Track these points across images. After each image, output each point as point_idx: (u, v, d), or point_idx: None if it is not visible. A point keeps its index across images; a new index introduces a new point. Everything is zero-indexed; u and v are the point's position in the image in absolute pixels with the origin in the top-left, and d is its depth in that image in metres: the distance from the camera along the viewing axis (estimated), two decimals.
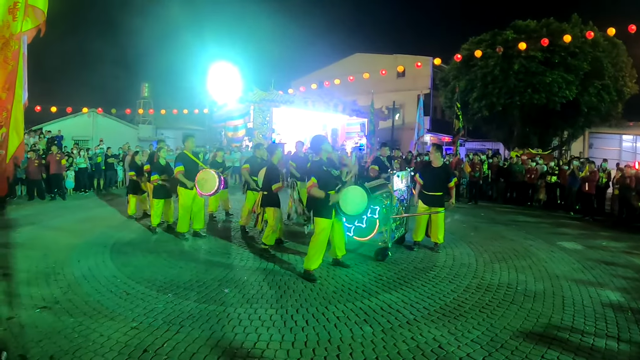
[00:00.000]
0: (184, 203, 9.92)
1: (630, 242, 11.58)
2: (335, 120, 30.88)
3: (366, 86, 31.60)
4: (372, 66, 29.96)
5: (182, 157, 9.99)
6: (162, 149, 11.09)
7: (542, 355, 5.00)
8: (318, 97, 28.35)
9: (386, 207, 8.73)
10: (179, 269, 7.67)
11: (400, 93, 38.51)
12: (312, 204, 7.66)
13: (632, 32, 16.64)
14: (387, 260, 8.67)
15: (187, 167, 9.82)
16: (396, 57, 37.15)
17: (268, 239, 8.75)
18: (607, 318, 6.22)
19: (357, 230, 9.00)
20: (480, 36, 27.81)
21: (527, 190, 18.93)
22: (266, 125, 25.06)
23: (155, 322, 5.45)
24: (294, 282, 7.18)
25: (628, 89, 26.84)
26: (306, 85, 27.66)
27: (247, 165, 10.67)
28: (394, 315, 5.98)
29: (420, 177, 9.53)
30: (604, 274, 8.47)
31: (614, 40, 25.35)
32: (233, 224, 11.85)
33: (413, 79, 38.00)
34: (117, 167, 20.38)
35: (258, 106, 25.03)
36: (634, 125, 32.68)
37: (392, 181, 8.90)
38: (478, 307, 6.40)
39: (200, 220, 10.28)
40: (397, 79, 38.24)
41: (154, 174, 10.80)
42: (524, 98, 24.90)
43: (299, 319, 5.71)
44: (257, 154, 11.07)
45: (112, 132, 32.45)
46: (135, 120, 39.35)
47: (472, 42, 27.66)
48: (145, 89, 42.45)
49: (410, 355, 4.86)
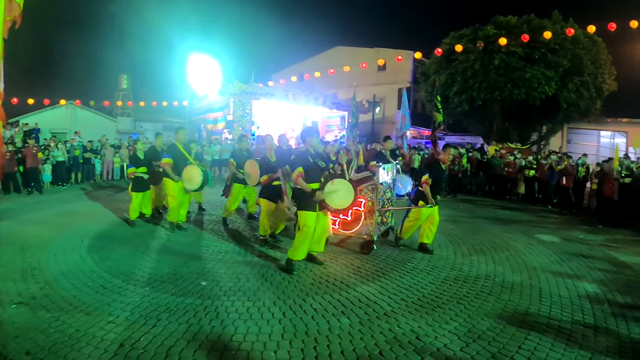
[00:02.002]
0: (172, 193, 9.86)
1: (607, 235, 11.73)
2: (316, 113, 30.79)
3: (347, 79, 31.59)
4: (353, 59, 29.87)
5: (172, 149, 10.00)
6: (139, 141, 10.95)
7: (520, 345, 5.05)
8: (298, 89, 28.19)
9: (371, 200, 8.66)
10: (157, 262, 7.59)
11: (381, 87, 38.49)
12: (297, 196, 7.58)
13: (612, 30, 16.79)
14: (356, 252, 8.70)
15: (176, 160, 9.79)
16: (377, 51, 37.13)
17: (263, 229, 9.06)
18: (583, 309, 6.30)
19: (342, 224, 8.94)
20: (461, 31, 27.83)
21: (506, 184, 19.09)
22: (246, 117, 24.88)
23: (132, 316, 5.39)
24: (272, 275, 7.14)
25: (607, 86, 27.06)
26: (286, 78, 27.55)
27: (232, 160, 10.71)
28: (371, 307, 5.99)
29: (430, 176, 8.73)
30: (581, 266, 8.57)
31: (594, 38, 25.54)
32: (209, 217, 11.76)
33: (394, 72, 37.99)
34: (94, 161, 20.10)
35: (238, 99, 24.83)
36: (612, 122, 32.99)
37: (378, 174, 8.79)
38: (456, 299, 6.43)
39: (182, 214, 10.21)
40: (377, 73, 38.22)
41: (130, 167, 10.72)
42: (503, 93, 24.99)
43: (276, 312, 5.69)
44: (241, 146, 10.99)
45: (91, 124, 32.16)
46: (114, 112, 39.02)
47: (453, 37, 27.67)
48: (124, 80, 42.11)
49: (388, 347, 4.86)
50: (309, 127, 8.23)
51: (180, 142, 10.12)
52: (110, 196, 15.19)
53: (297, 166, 7.42)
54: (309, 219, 7.35)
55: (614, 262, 9.07)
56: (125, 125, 37.43)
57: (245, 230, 10.42)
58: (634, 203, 14.45)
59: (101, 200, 13.91)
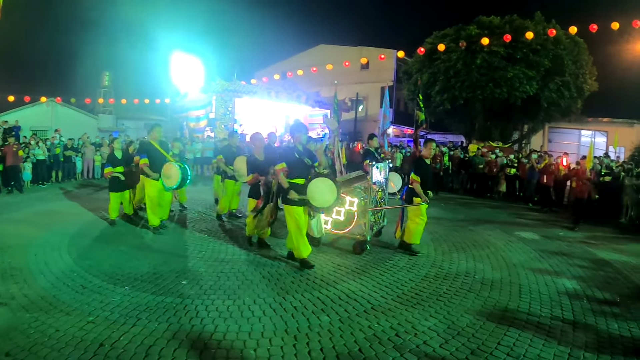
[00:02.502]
0: (150, 194, 9.65)
1: (586, 232, 11.84)
2: (298, 111, 30.78)
3: (330, 77, 31.55)
4: (336, 58, 29.89)
5: (146, 148, 9.74)
6: (117, 140, 10.86)
7: (499, 341, 5.08)
8: (281, 87, 28.15)
9: (364, 200, 8.55)
10: (137, 262, 7.51)
11: (363, 85, 38.55)
12: (281, 190, 7.55)
13: (593, 31, 16.96)
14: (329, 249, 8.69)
15: (152, 158, 9.52)
16: (360, 49, 37.24)
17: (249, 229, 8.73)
18: (562, 305, 6.35)
19: (334, 223, 8.85)
20: (444, 30, 28.01)
21: (487, 182, 19.22)
22: (228, 115, 24.79)
23: (112, 315, 5.34)
24: (252, 273, 7.10)
25: (588, 86, 27.37)
26: (269, 76, 27.49)
27: (221, 156, 10.64)
28: (351, 304, 5.99)
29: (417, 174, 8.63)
30: (560, 263, 8.64)
31: (575, 39, 25.79)
32: (191, 216, 11.65)
33: (377, 71, 38.06)
34: (75, 159, 19.85)
35: (220, 96, 24.74)
36: (592, 121, 33.36)
37: (371, 173, 8.61)
38: (436, 296, 6.45)
39: (165, 212, 10.10)
40: (360, 71, 38.24)
41: (107, 166, 10.54)
42: (485, 92, 25.16)
43: (256, 310, 5.66)
44: (231, 142, 10.90)
45: (72, 122, 31.69)
46: (96, 110, 38.52)
47: (436, 36, 27.82)
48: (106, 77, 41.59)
49: (367, 344, 4.87)
50: (298, 123, 8.03)
51: (155, 140, 9.82)
52: (91, 195, 15.04)
53: (281, 161, 7.37)
54: (296, 212, 7.32)
55: (593, 259, 9.16)
56: (106, 123, 37.01)
57: (227, 228, 10.35)
58: (613, 201, 14.67)
59: (82, 199, 13.76)
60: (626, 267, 8.65)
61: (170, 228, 10.11)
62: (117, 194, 10.43)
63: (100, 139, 22.39)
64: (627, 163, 17.77)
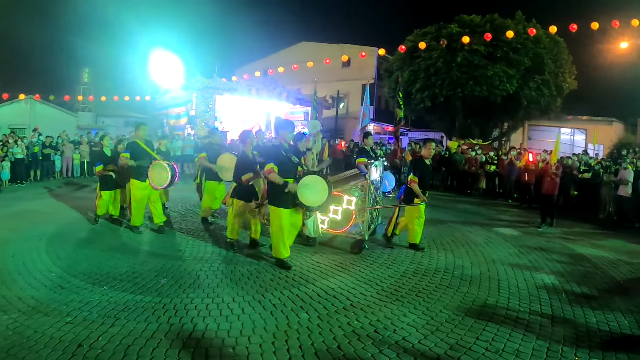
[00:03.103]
0: (136, 195, 9.39)
1: (565, 228, 11.97)
2: (279, 108, 30.74)
3: (311, 75, 31.42)
4: (317, 55, 29.85)
5: (133, 147, 9.39)
6: (106, 136, 10.57)
7: (477, 336, 5.10)
8: (262, 85, 28.09)
9: (362, 198, 8.39)
10: (116, 261, 7.40)
11: (345, 82, 38.53)
12: (269, 190, 7.38)
13: (573, 30, 17.11)
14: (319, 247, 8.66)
15: (138, 157, 9.23)
16: (342, 47, 37.26)
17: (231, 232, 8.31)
18: (541, 300, 6.41)
19: (331, 223, 8.63)
20: (425, 29, 28.14)
21: (467, 178, 19.33)
22: (209, 113, 24.64)
23: (90, 315, 5.26)
24: (231, 271, 7.05)
25: (567, 84, 27.71)
26: (250, 73, 27.35)
27: (204, 154, 10.33)
28: (330, 301, 5.97)
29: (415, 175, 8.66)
30: (539, 258, 8.73)
31: (555, 38, 26.07)
32: (171, 214, 11.48)
33: (358, 68, 38.11)
34: (54, 158, 19.58)
35: (201, 93, 24.58)
36: (572, 119, 33.78)
37: (370, 171, 8.54)
38: (415, 292, 6.47)
39: (159, 214, 9.71)
40: (342, 69, 38.29)
41: (98, 165, 10.28)
42: (465, 90, 25.32)
43: (235, 308, 5.63)
44: (213, 140, 10.73)
45: (51, 119, 31.33)
46: (75, 107, 38.15)
47: (417, 34, 27.92)
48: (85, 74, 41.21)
49: (346, 341, 4.85)
50: (283, 120, 7.89)
51: (140, 139, 9.52)
52: (70, 194, 14.84)
53: (269, 161, 7.16)
54: (282, 216, 7.17)
55: (571, 254, 9.26)
56: (86, 120, 36.64)
57: (206, 227, 10.26)
58: (592, 197, 14.87)
59: (60, 199, 13.58)
60: (604, 262, 8.77)
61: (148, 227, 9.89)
62: (109, 193, 10.19)
63: (79, 137, 22.10)
64: (605, 160, 17.98)
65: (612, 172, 14.82)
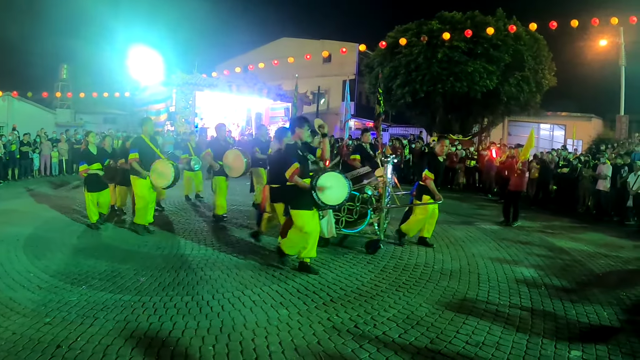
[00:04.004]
0: (140, 193, 8.93)
1: (544, 222, 12.07)
2: (260, 104, 30.68)
3: (292, 71, 31.50)
4: (298, 51, 29.82)
5: (138, 143, 9.01)
6: (91, 133, 10.04)
7: (458, 330, 5.09)
8: (242, 81, 28.03)
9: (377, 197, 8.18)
10: (95, 260, 7.27)
11: (326, 78, 38.52)
12: (290, 193, 6.86)
13: (553, 28, 17.27)
14: None
15: (143, 155, 8.85)
16: (323, 43, 37.17)
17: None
18: (521, 293, 6.43)
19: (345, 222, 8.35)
20: (406, 25, 28.23)
21: (447, 173, 19.38)
22: (189, 109, 24.56)
23: (69, 315, 5.16)
24: (211, 268, 6.99)
25: (547, 81, 28.03)
26: (230, 69, 27.27)
27: (209, 150, 10.06)
28: (310, 297, 5.94)
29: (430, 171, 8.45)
30: (519, 252, 8.79)
31: (535, 35, 26.36)
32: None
33: (339, 64, 38.15)
34: (32, 156, 19.27)
35: (181, 90, 24.49)
36: (551, 115, 34.18)
37: (387, 169, 8.26)
38: (395, 286, 6.45)
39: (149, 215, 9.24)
40: (323, 65, 38.22)
41: (82, 164, 9.59)
42: (446, 86, 25.44)
43: (215, 305, 5.57)
44: (219, 136, 10.54)
45: (29, 117, 30.92)
46: (53, 104, 37.68)
47: (398, 31, 28.02)
48: (64, 70, 40.63)
49: (326, 336, 4.82)
50: (298, 117, 7.45)
51: (147, 135, 9.10)
52: (49, 193, 14.60)
53: (292, 161, 6.63)
54: (307, 217, 6.67)
55: (551, 247, 9.35)
56: (64, 117, 36.24)
57: (187, 223, 10.18)
58: (571, 192, 15.03)
59: (39, 197, 13.37)
60: (583, 255, 8.87)
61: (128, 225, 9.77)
62: (94, 194, 9.57)
63: (57, 135, 21.80)
64: (584, 155, 18.16)
65: (591, 167, 15.00)
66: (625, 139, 24.46)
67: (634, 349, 4.87)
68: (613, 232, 11.45)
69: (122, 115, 34.29)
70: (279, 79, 34.91)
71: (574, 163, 15.93)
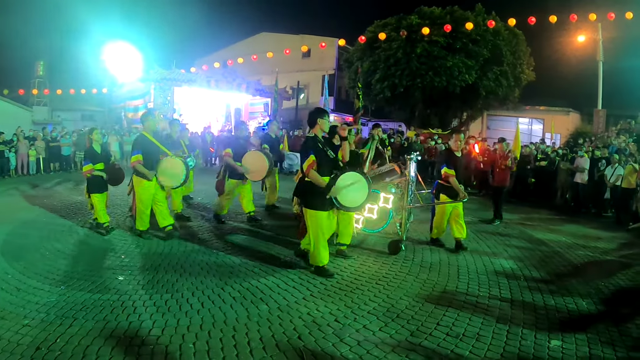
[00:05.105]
0: (142, 197, 8.19)
1: (523, 214, 12.19)
2: (239, 99, 30.56)
3: (271, 66, 31.42)
4: (278, 46, 29.81)
5: (141, 142, 8.19)
6: (95, 130, 9.12)
7: (438, 322, 5.11)
8: (221, 76, 27.90)
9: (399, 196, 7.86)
10: (73, 260, 7.16)
11: (305, 73, 38.42)
12: (303, 190, 6.63)
13: (531, 23, 17.42)
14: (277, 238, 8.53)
15: (148, 153, 8.09)
16: (302, 37, 37.04)
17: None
18: (500, 285, 6.47)
19: (366, 222, 8.20)
20: (386, 20, 28.37)
21: (426, 167, 19.46)
22: (167, 105, 24.37)
23: (48, 317, 5.06)
24: (190, 265, 6.92)
25: (525, 75, 28.42)
26: (209, 64, 27.10)
27: (229, 150, 9.38)
28: (290, 292, 5.91)
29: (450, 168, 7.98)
30: (498, 244, 8.86)
31: (514, 31, 26.72)
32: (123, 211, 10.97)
33: (319, 59, 38.13)
34: (8, 155, 18.91)
35: (159, 85, 24.30)
36: (530, 109, 34.50)
37: (409, 166, 7.81)
38: (375, 280, 6.44)
39: (166, 216, 8.46)
40: (302, 59, 38.26)
41: (87, 163, 8.75)
42: (425, 80, 25.64)
43: (195, 302, 5.51)
44: (239, 134, 9.98)
45: (4, 115, 30.26)
46: (30, 101, 37.07)
47: (377, 25, 28.12)
48: (40, 67, 39.90)
49: (307, 331, 4.81)
50: (316, 108, 6.91)
51: (149, 131, 8.34)
52: (26, 192, 14.30)
53: (308, 154, 6.30)
54: (322, 219, 6.43)
55: (529, 239, 9.45)
56: (41, 115, 35.63)
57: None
58: (549, 184, 15.22)
59: (16, 197, 13.13)
60: (561, 246, 8.99)
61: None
62: (101, 195, 8.84)
63: (33, 132, 21.45)
64: (562, 149, 18.35)
65: (568, 160, 15.17)
66: (602, 132, 24.79)
67: (612, 337, 4.93)
68: (591, 224, 11.62)
69: (99, 112, 33.87)
70: (258, 74, 34.81)
71: (552, 156, 16.11)
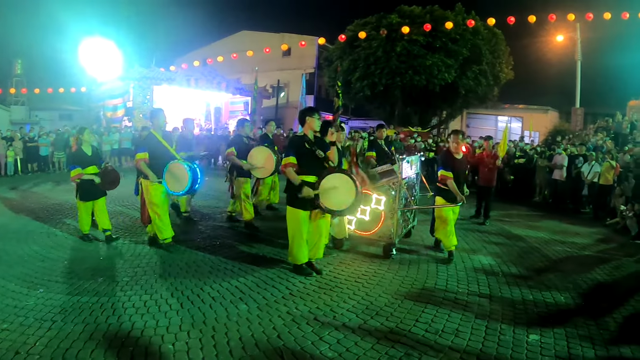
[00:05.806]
0: (154, 200, 7.51)
1: (502, 211, 12.30)
2: (219, 98, 30.45)
3: (251, 64, 31.34)
4: (258, 44, 29.68)
5: (148, 140, 7.72)
6: (86, 130, 8.42)
7: (417, 318, 5.13)
8: (201, 75, 27.75)
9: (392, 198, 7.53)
10: (51, 262, 7.05)
11: (285, 72, 38.43)
12: (287, 187, 6.51)
13: (511, 23, 17.58)
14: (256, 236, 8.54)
15: (155, 154, 7.48)
16: (283, 36, 36.97)
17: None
18: (479, 281, 6.54)
19: (359, 223, 7.87)
20: (366, 18, 28.47)
21: None
22: (147, 104, 24.17)
23: (27, 320, 4.98)
24: (169, 265, 6.88)
25: (504, 74, 28.73)
26: (189, 63, 26.95)
27: (233, 149, 9.10)
28: (269, 291, 5.90)
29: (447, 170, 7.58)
30: (476, 240, 8.97)
31: (493, 30, 26.95)
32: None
33: (299, 58, 38.07)
34: None
35: (138, 84, 24.13)
36: (509, 108, 34.86)
37: (401, 167, 7.53)
38: (354, 278, 6.45)
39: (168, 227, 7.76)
40: (282, 58, 38.08)
41: (74, 167, 8.00)
42: (405, 79, 25.75)
43: (174, 303, 5.48)
44: (241, 132, 9.61)
45: None
46: (7, 101, 36.57)
47: (357, 24, 28.22)
48: (17, 66, 39.41)
49: (286, 330, 4.80)
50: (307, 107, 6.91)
51: (158, 130, 7.75)
52: (3, 194, 14.08)
53: (289, 154, 6.29)
54: (297, 217, 6.35)
55: (508, 235, 9.57)
56: (19, 114, 35.17)
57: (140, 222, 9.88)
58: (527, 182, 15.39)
59: None
60: (539, 242, 9.12)
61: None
62: (88, 204, 8.16)
63: (11, 133, 21.14)
64: (540, 147, 18.57)
65: (546, 158, 15.34)
66: (580, 130, 25.10)
67: (590, 331, 5.00)
68: (569, 220, 11.80)
69: (78, 111, 33.49)
70: (238, 72, 34.70)
71: (530, 154, 16.29)
